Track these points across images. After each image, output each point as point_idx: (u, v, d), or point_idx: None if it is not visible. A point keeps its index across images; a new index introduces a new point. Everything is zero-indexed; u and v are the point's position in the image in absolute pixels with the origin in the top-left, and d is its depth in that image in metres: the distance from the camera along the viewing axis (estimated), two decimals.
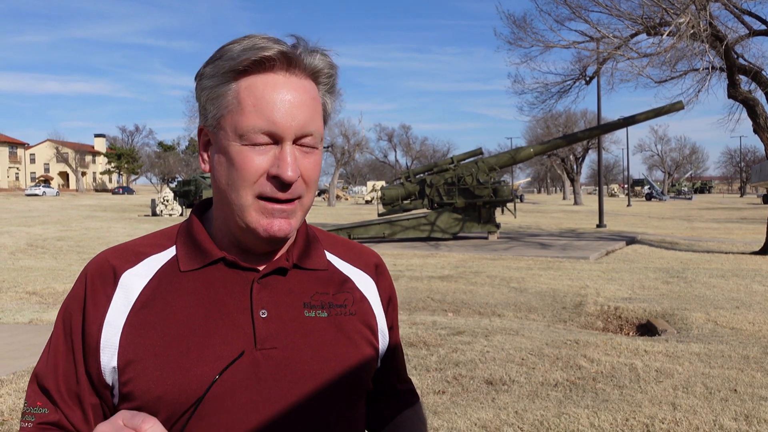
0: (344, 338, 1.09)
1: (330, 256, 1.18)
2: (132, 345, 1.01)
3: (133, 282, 1.05)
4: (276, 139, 0.99)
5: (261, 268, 1.08)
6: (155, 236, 1.14)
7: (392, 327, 1.24)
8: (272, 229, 1.01)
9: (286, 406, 1.01)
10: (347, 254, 1.21)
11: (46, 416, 1.03)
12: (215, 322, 1.03)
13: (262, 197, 1.00)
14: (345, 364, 1.07)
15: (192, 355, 0.99)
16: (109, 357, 1.01)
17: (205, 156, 1.07)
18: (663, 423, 4.20)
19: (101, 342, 1.02)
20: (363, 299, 1.16)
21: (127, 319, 1.02)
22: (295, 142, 1.00)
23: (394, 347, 1.26)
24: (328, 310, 1.10)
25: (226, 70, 1.01)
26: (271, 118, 0.98)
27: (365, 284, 1.19)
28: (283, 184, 0.99)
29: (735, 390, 4.91)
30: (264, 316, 1.04)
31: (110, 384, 1.02)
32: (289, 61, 1.00)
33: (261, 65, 0.99)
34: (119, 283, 1.05)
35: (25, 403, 1.06)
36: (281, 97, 0.99)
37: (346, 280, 1.16)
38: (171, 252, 1.10)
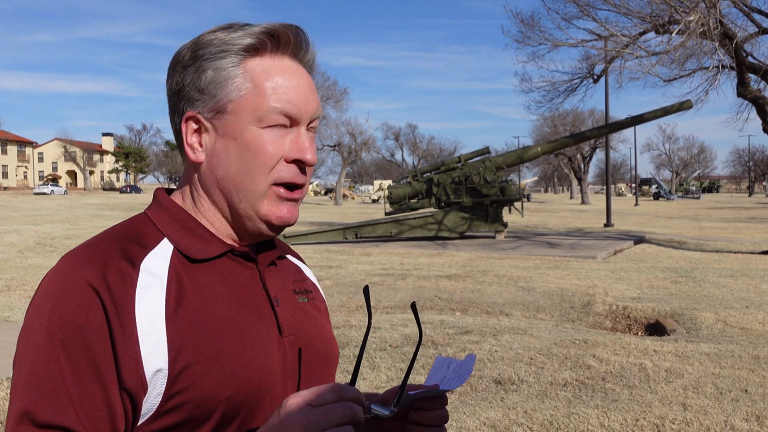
0: (324, 320, 1.14)
1: None
2: (184, 347, 0.90)
3: (154, 281, 0.94)
4: (293, 123, 1.00)
5: (259, 257, 1.07)
6: (126, 229, 1.00)
7: None
8: (285, 216, 1.01)
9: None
10: (282, 245, 1.21)
11: None
12: (246, 314, 0.99)
13: (278, 183, 0.99)
14: (334, 344, 1.13)
15: (245, 351, 0.95)
16: (156, 363, 0.89)
17: (196, 145, 1.00)
18: (674, 423, 4.17)
19: (142, 352, 0.89)
20: (314, 286, 1.20)
21: (166, 318, 0.91)
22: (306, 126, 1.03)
23: None
24: (306, 295, 1.13)
25: (234, 52, 0.98)
26: (293, 101, 0.99)
27: (309, 272, 1.23)
28: (303, 169, 1.01)
29: (746, 390, 4.88)
30: (278, 304, 1.04)
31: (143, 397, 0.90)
32: (298, 45, 1.02)
33: (266, 48, 1.00)
34: (140, 274, 0.93)
35: None
36: (298, 82, 1.01)
37: (299, 269, 1.20)
38: (166, 245, 0.99)
